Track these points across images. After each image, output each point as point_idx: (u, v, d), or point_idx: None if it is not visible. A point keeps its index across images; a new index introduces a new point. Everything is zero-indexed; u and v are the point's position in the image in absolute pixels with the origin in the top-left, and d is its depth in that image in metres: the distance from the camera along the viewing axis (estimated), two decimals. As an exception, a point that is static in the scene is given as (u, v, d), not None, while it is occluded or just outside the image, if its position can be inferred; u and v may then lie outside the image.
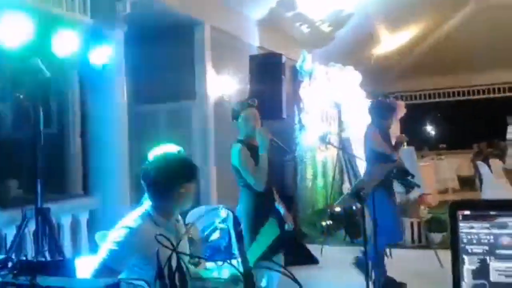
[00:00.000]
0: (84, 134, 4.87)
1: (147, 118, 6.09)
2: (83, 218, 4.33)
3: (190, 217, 2.59)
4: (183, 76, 5.96)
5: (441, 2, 8.98)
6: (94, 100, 4.55)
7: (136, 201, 3.29)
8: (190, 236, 2.41)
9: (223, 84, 6.11)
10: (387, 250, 5.85)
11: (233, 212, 1.86)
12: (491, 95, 12.80)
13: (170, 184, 2.06)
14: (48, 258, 2.85)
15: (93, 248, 3.83)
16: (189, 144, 5.72)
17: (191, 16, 5.69)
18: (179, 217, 2.25)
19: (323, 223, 7.24)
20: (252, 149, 3.25)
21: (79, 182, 4.91)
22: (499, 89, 12.76)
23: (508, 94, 12.70)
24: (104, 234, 3.23)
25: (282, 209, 3.40)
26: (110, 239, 2.00)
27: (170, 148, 3.11)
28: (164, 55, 6.02)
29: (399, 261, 5.68)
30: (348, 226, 6.85)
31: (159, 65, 5.99)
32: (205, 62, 5.89)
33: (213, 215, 2.81)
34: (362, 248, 3.25)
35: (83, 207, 4.40)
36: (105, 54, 4.10)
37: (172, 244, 1.24)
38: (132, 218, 2.06)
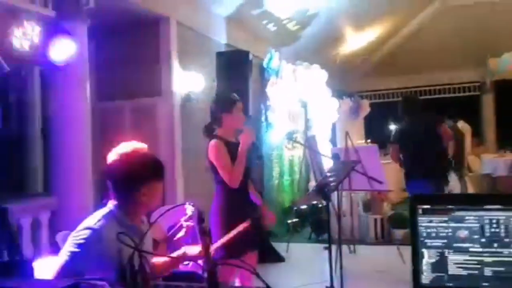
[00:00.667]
0: (45, 131, 4.73)
1: (111, 115, 5.97)
2: (44, 218, 4.21)
3: (154, 217, 2.55)
4: (149, 72, 5.88)
5: (405, 2, 9.19)
6: (55, 96, 4.42)
7: (99, 200, 3.23)
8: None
9: (189, 81, 6.05)
10: (351, 246, 5.97)
11: (197, 208, 1.84)
12: (453, 94, 13.19)
13: (133, 182, 1.99)
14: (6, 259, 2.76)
15: (54, 249, 3.73)
16: (155, 141, 5.64)
17: (156, 12, 5.61)
18: (144, 217, 2.20)
19: (289, 221, 7.30)
20: (230, 146, 3.23)
21: (40, 181, 4.77)
22: (458, 88, 13.16)
23: (468, 93, 13.11)
24: (65, 234, 3.14)
25: (258, 200, 3.41)
26: (72, 240, 1.95)
27: (133, 146, 3.06)
28: (129, 50, 5.91)
29: (363, 257, 5.79)
30: (313, 223, 6.94)
31: (124, 60, 5.88)
32: (171, 58, 5.82)
33: (179, 213, 2.79)
34: (327, 245, 3.28)
35: (44, 207, 4.26)
36: (68, 49, 4.00)
37: (134, 242, 1.22)
38: (95, 218, 1.99)
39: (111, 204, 2.04)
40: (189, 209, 2.57)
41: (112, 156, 2.79)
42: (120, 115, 5.97)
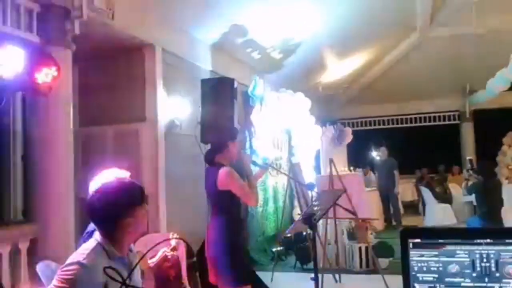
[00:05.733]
0: (26, 156, 4.63)
1: (93, 140, 5.90)
2: (23, 246, 4.08)
3: (138, 245, 2.49)
4: (133, 98, 5.86)
5: (386, 33, 9.41)
6: (38, 121, 4.35)
7: (82, 228, 3.14)
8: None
9: (174, 107, 6.04)
10: (336, 275, 5.92)
11: (186, 242, 1.79)
12: (432, 123, 13.44)
13: (117, 212, 1.92)
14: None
15: (34, 278, 3.61)
16: (138, 168, 5.57)
17: (141, 38, 5.63)
18: (132, 246, 2.14)
19: (274, 249, 7.22)
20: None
21: (19, 208, 4.64)
22: (439, 117, 13.43)
23: (447, 122, 13.38)
24: (45, 265, 3.05)
25: None
26: (60, 275, 1.84)
27: (116, 173, 3.00)
28: (114, 76, 5.90)
29: (349, 287, 5.75)
30: (298, 251, 6.86)
31: (108, 86, 5.85)
32: (156, 84, 5.82)
33: (163, 243, 2.73)
34: (312, 275, 3.23)
35: (23, 235, 4.14)
36: (52, 74, 3.97)
37: (121, 277, 1.18)
38: (85, 252, 1.89)
39: (98, 236, 1.97)
40: (173, 240, 2.54)
41: (94, 185, 2.72)
42: (103, 141, 5.90)
